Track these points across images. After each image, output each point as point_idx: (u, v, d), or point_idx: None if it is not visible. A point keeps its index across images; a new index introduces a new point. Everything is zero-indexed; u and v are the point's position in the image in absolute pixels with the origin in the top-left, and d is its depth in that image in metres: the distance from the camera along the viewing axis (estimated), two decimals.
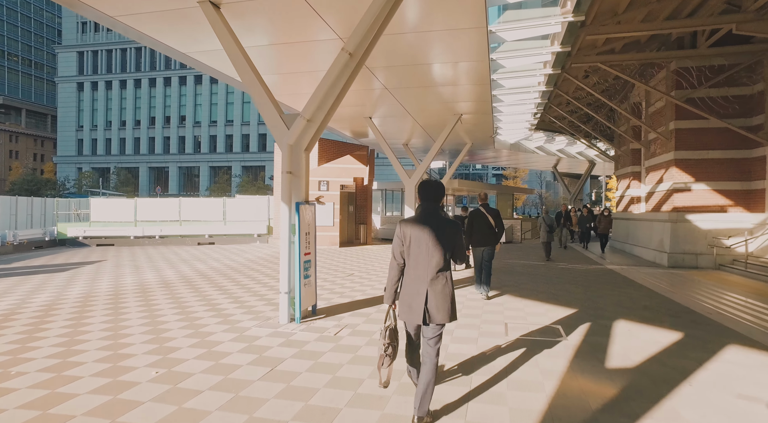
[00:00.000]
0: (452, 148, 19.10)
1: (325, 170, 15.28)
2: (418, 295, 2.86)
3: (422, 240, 2.89)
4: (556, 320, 5.49)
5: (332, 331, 4.97)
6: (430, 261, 2.87)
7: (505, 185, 36.80)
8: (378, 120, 13.57)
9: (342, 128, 15.30)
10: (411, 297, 2.89)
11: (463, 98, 10.88)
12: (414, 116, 12.84)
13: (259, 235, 16.88)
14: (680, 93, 10.49)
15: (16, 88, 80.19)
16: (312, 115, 5.34)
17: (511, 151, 20.41)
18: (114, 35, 61.63)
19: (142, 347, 4.33)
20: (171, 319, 5.38)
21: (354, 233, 16.85)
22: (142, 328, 5.01)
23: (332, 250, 14.15)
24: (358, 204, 16.84)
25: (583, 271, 9.83)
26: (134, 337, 4.67)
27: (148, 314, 5.64)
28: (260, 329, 4.97)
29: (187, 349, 4.28)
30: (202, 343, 4.44)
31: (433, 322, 2.86)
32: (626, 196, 15.05)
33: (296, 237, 5.26)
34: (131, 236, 15.85)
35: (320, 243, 15.29)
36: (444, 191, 3.14)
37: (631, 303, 6.53)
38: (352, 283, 8.13)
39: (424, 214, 2.98)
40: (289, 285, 5.31)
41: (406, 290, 2.93)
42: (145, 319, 5.38)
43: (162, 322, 5.25)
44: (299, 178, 5.40)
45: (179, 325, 5.15)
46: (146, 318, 5.45)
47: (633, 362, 3.97)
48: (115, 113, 60.76)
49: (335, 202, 15.29)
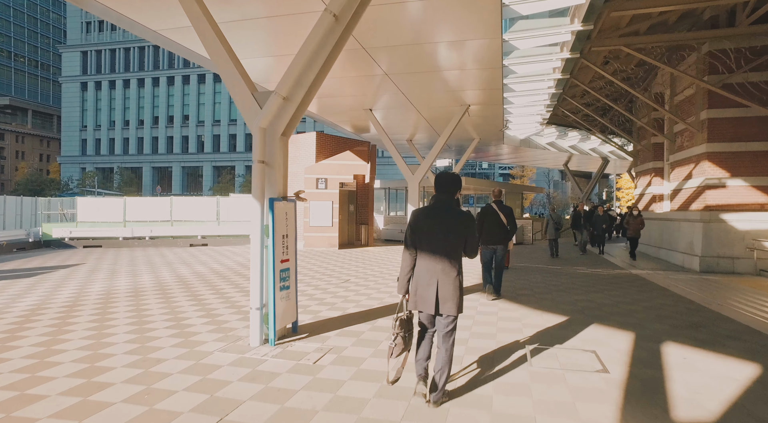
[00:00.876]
0: (459, 144, 18.08)
1: (323, 167, 14.34)
2: (429, 285, 2.87)
3: (434, 231, 2.90)
4: (588, 340, 4.49)
5: (312, 356, 4.02)
6: (442, 252, 2.87)
7: (513, 184, 35.60)
8: (379, 113, 12.61)
9: (341, 122, 14.35)
10: (421, 287, 2.90)
11: (471, 85, 9.87)
12: (418, 108, 11.85)
13: None
14: (715, 78, 9.40)
15: (23, 89, 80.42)
16: (289, 92, 4.38)
17: (520, 147, 19.34)
18: (117, 35, 61.43)
19: (61, 384, 3.37)
20: (120, 340, 4.45)
21: (355, 234, 15.90)
22: (78, 352, 4.08)
23: (330, 253, 13.21)
24: (359, 203, 15.89)
25: (606, 277, 8.79)
26: (61, 367, 3.72)
27: (96, 333, 4.71)
28: (223, 355, 4.02)
29: (120, 385, 3.33)
30: (142, 377, 3.50)
31: (440, 313, 2.88)
32: (647, 194, 13.94)
33: (270, 240, 4.31)
34: (120, 237, 15.03)
35: (318, 245, 14.35)
36: (460, 183, 3.07)
37: (674, 318, 5.49)
38: (346, 292, 7.17)
39: (438, 205, 2.98)
40: (261, 299, 4.36)
41: (416, 281, 2.93)
42: (88, 341, 4.44)
43: (107, 344, 4.32)
44: (274, 168, 4.44)
45: (126, 348, 4.21)
46: (90, 339, 4.51)
47: (710, 413, 2.94)
48: (119, 113, 60.53)
49: (334, 201, 14.35)
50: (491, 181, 25.88)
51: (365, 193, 15.86)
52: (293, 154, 15.30)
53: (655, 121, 12.98)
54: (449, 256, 2.88)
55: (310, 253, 13.13)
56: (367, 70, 9.01)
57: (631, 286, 7.81)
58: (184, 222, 15.93)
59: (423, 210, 2.99)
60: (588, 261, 11.72)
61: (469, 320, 5.32)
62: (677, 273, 9.48)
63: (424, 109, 12.09)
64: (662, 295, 7.07)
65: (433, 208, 2.98)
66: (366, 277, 8.74)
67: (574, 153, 21.38)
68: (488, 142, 17.60)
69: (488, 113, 12.42)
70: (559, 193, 58.86)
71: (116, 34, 62.15)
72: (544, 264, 11.05)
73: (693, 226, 9.99)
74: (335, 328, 4.98)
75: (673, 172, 12.06)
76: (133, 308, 5.86)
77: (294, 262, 4.73)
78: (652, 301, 6.57)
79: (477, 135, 16.07)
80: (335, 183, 14.36)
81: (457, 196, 3.11)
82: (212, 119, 57.85)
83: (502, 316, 5.56)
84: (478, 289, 7.29)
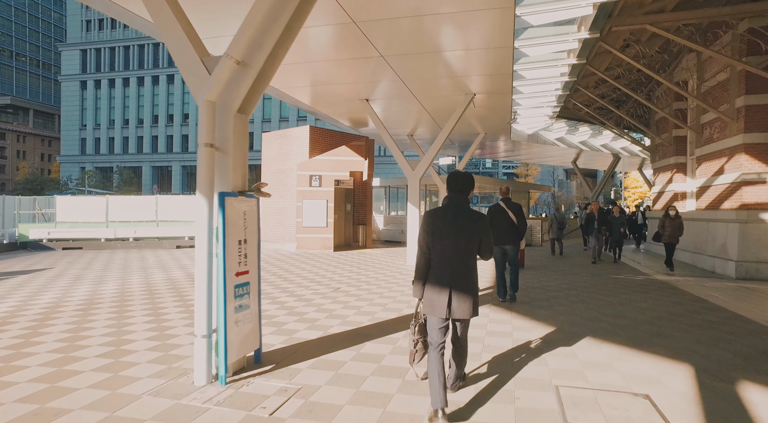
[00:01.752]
0: (463, 139, 17.03)
1: (317, 163, 13.34)
2: (442, 288, 2.78)
3: (447, 232, 2.81)
4: (633, 377, 3.45)
5: (271, 403, 3.01)
6: (455, 254, 2.79)
7: (519, 182, 34.41)
8: (377, 104, 11.59)
9: (338, 114, 13.34)
10: (435, 290, 2.81)
11: (477, 70, 8.83)
12: (418, 97, 10.82)
13: None
14: (755, 59, 8.31)
15: (24, 88, 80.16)
16: (245, 54, 3.37)
17: (528, 143, 18.26)
18: (117, 33, 60.89)
19: None
20: (34, 374, 3.46)
21: (352, 235, 14.89)
22: None
23: (324, 255, 12.21)
24: (357, 202, 14.88)
25: (631, 285, 7.73)
26: None
27: (3, 365, 3.72)
28: (152, 402, 3.02)
29: None
30: None
31: (454, 316, 2.79)
32: (667, 192, 12.84)
33: (221, 247, 3.30)
34: (102, 239, 14.10)
35: (311, 247, 13.36)
36: (473, 182, 3.01)
37: (733, 341, 4.44)
38: (334, 304, 6.16)
39: (451, 205, 2.91)
40: (209, 324, 3.36)
41: (430, 283, 2.84)
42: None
43: (7, 383, 3.32)
44: (227, 154, 3.44)
45: (26, 390, 3.21)
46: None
47: None
48: (118, 112, 59.98)
49: (329, 200, 13.34)
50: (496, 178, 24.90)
51: (363, 192, 14.86)
52: (285, 149, 14.31)
53: (678, 112, 11.89)
54: (463, 258, 2.80)
55: (302, 256, 12.15)
56: (361, 52, 7.99)
57: (662, 296, 6.75)
58: (170, 222, 14.98)
59: (436, 210, 2.90)
60: (605, 266, 10.64)
61: (479, 344, 4.30)
62: (710, 280, 8.40)
63: (426, 99, 11.06)
64: (704, 308, 6.01)
65: (445, 209, 2.89)
66: (359, 285, 7.73)
67: (584, 149, 20.25)
68: (494, 137, 16.54)
69: (495, 103, 11.37)
70: (564, 192, 57.64)
71: (116, 32, 61.61)
72: (557, 268, 10.00)
73: (727, 227, 8.90)
74: (311, 355, 3.98)
75: (699, 168, 10.96)
76: (72, 327, 4.88)
77: (256, 275, 3.72)
78: (694, 316, 5.51)
79: (482, 129, 15.01)
80: (330, 180, 13.36)
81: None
82: None
83: (517, 338, 4.53)
84: (487, 299, 6.26)
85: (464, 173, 3.00)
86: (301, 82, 10.16)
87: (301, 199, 13.32)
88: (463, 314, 2.76)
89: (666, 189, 12.80)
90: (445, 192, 15.92)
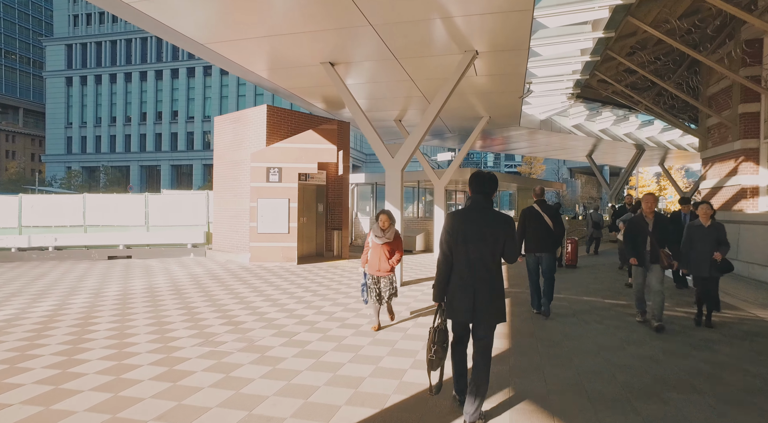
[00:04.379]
0: (463, 126, 14.11)
1: (277, 152, 10.50)
2: (466, 293, 2.70)
3: (470, 235, 2.73)
4: None
5: None
6: (479, 257, 2.71)
7: (527, 177, 31.31)
8: (347, 71, 8.74)
9: (303, 91, 10.45)
10: (458, 295, 2.72)
11: (482, 6, 5.94)
12: (401, 60, 7.97)
13: (195, 246, 12.19)
14: None
15: (14, 86, 77.99)
16: None
17: (539, 131, 15.38)
18: (106, 27, 58.53)
19: None
20: None
21: (325, 242, 12.04)
22: None
23: (282, 270, 9.37)
24: (331, 202, 12.04)
25: (738, 337, 4.88)
26: None
27: None
28: None
29: None
30: None
31: (480, 322, 2.72)
32: (728, 188, 9.93)
33: None
34: (12, 248, 11.32)
35: (269, 258, 10.52)
36: (497, 184, 2.89)
37: None
38: (165, 400, 3.31)
39: (474, 207, 2.83)
40: None
41: (452, 288, 2.76)
42: None
43: None
44: None
45: None
46: None
47: None
48: (105, 109, 57.72)
49: (291, 199, 10.51)
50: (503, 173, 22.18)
51: (338, 189, 12.01)
52: (238, 135, 11.48)
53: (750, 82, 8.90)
54: (487, 261, 2.71)
55: (251, 271, 9.31)
56: None
57: None
58: (102, 227, 12.16)
59: (458, 212, 2.84)
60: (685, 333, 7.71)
61: None
62: None
63: (412, 63, 8.19)
64: None
65: (469, 211, 2.82)
66: (280, 327, 4.89)
67: (605, 139, 17.30)
68: (500, 123, 13.64)
69: (505, 67, 8.47)
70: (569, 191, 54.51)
71: (104, 26, 59.25)
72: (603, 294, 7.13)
73: None
74: None
75: None
76: None
77: None
78: None
79: (486, 111, 12.14)
80: (293, 174, 10.53)
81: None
82: (202, 115, 54.53)
83: None
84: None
85: (489, 174, 2.88)
86: (256, 48, 7.43)
87: (256, 198, 10.49)
88: (488, 319, 2.69)
89: (727, 183, 9.87)
90: (442, 190, 11.67)
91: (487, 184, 2.84)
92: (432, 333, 2.75)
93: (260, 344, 4.42)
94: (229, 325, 5.11)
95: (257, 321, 5.32)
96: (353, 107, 8.11)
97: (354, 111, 8.11)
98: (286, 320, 5.37)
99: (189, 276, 8.71)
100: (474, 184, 2.85)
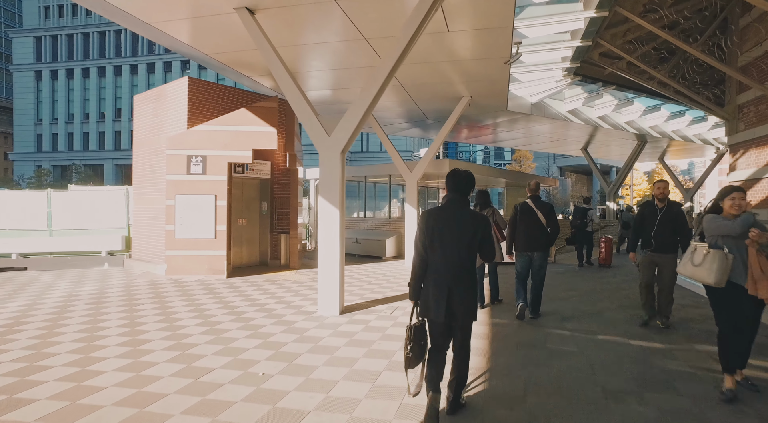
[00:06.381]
0: (441, 110, 11.96)
1: (200, 136, 8.30)
2: (440, 290, 2.69)
3: (446, 233, 2.73)
4: None
5: None
6: (454, 256, 2.72)
7: (517, 171, 29.18)
8: (273, 24, 6.57)
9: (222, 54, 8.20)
10: (433, 293, 2.72)
11: None
12: (341, 3, 5.82)
13: (111, 254, 9.90)
14: None
15: None
16: None
17: (531, 116, 13.31)
18: (80, 19, 55.79)
19: None
20: None
21: (269, 249, 9.85)
22: None
23: (200, 288, 7.15)
24: (276, 199, 9.84)
25: None
26: None
27: None
28: None
29: None
30: None
31: (454, 321, 2.73)
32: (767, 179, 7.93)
33: None
34: None
35: (191, 271, 8.32)
36: (474, 182, 2.93)
37: None
38: None
39: (450, 205, 2.83)
40: None
41: (427, 286, 2.76)
42: None
43: None
44: None
45: None
46: None
47: None
48: (77, 105, 55.10)
49: (218, 195, 8.31)
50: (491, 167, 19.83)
51: (286, 183, 9.81)
52: (158, 116, 9.24)
53: None
54: (462, 260, 2.72)
55: (160, 287, 7.09)
56: None
57: None
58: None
59: (433, 210, 2.83)
60: None
61: None
62: None
63: (359, 12, 6.04)
64: None
65: (444, 209, 2.82)
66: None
67: (604, 126, 15.28)
68: (484, 104, 11.52)
69: (486, 21, 6.36)
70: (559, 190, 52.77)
71: (78, 18, 56.51)
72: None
73: None
74: None
75: None
76: None
77: None
78: None
79: (467, 90, 10.03)
80: (221, 164, 8.33)
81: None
82: None
83: None
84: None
85: (465, 172, 2.90)
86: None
87: (173, 195, 8.27)
88: (463, 316, 2.71)
89: (766, 174, 7.84)
90: (415, 185, 8.41)
91: (463, 183, 2.86)
92: (409, 330, 2.72)
93: None
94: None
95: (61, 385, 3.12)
96: (271, 59, 5.84)
97: (274, 66, 5.86)
98: (118, 392, 3.18)
99: (66, 297, 6.45)
100: (450, 182, 2.88)
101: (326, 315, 5.52)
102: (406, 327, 2.76)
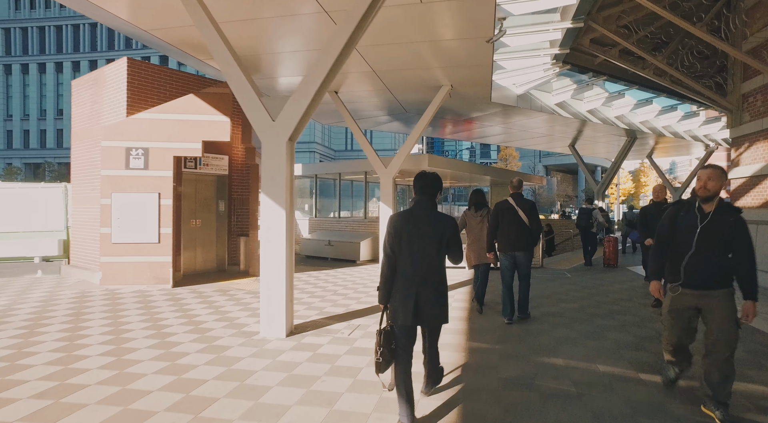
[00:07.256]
0: (419, 101, 11.01)
1: (141, 126, 7.21)
2: (409, 294, 2.67)
3: (414, 236, 2.71)
4: None
5: None
6: (423, 259, 2.69)
7: (502, 169, 28.43)
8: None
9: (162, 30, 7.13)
10: (401, 297, 2.69)
11: None
12: None
13: (47, 260, 8.74)
14: None
15: None
16: None
17: (516, 109, 12.47)
18: (52, 11, 53.58)
19: None
20: None
21: (227, 254, 8.79)
22: None
23: (135, 300, 6.08)
24: (234, 197, 8.79)
25: None
26: None
27: None
28: None
29: None
30: None
31: (422, 323, 2.73)
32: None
33: None
34: None
35: (131, 279, 7.23)
36: (441, 184, 2.89)
37: None
38: None
39: (417, 207, 2.81)
40: None
41: (396, 290, 2.72)
42: None
43: None
44: None
45: None
46: None
47: None
48: (50, 101, 52.96)
49: (162, 193, 7.24)
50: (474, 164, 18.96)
51: (244, 180, 8.76)
52: (96, 103, 8.11)
53: None
54: (430, 263, 2.70)
55: (89, 299, 6.00)
56: None
57: None
58: None
59: (402, 213, 2.80)
60: None
61: None
62: None
63: None
64: None
65: (412, 211, 2.79)
66: None
67: (593, 121, 14.55)
68: (466, 94, 10.61)
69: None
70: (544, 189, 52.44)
71: (51, 11, 54.22)
72: None
73: None
74: None
75: None
76: None
77: None
78: None
79: (446, 78, 9.12)
80: (166, 157, 7.25)
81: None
82: None
83: None
84: None
85: (433, 174, 2.86)
86: None
87: (109, 192, 7.17)
88: (432, 320, 2.73)
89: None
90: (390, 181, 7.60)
91: (430, 185, 2.83)
92: (378, 335, 2.71)
93: None
94: None
95: None
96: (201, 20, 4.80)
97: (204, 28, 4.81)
98: None
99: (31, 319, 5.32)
100: (418, 185, 2.85)
101: (269, 337, 4.54)
102: (376, 331, 2.73)
